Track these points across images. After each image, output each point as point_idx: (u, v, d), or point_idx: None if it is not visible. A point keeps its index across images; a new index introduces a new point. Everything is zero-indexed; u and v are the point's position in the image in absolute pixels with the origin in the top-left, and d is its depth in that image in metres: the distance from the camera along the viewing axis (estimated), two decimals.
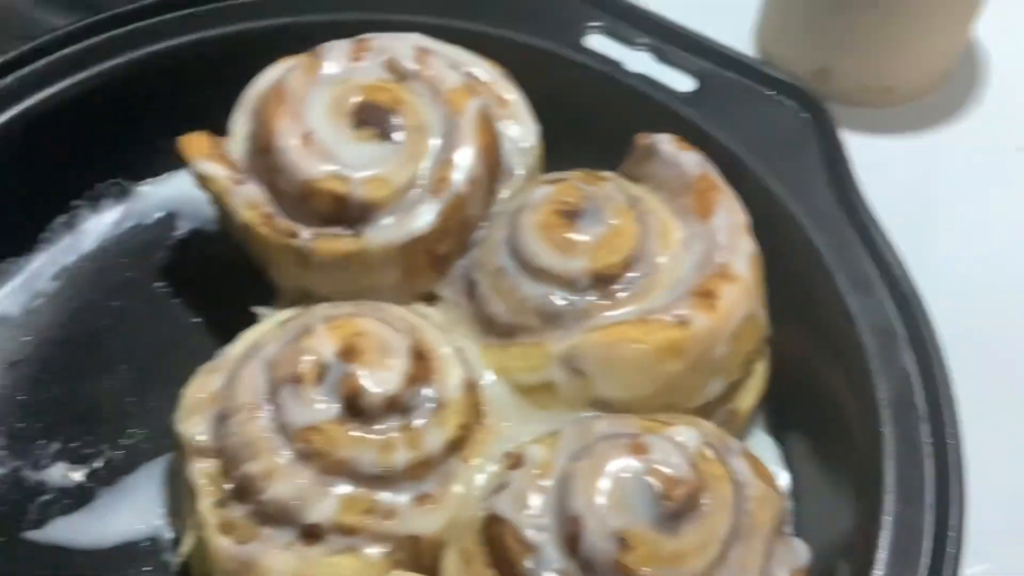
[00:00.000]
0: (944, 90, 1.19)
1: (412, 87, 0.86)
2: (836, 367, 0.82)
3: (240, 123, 0.88)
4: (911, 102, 1.17)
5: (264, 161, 0.83)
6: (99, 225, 0.97)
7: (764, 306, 0.83)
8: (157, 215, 0.99)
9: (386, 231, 0.82)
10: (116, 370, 0.89)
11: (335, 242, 0.82)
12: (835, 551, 0.75)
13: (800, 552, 0.73)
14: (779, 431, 0.88)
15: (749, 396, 0.85)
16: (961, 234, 1.07)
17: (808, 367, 0.86)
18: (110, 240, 0.97)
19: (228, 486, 0.73)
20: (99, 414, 0.86)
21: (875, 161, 0.95)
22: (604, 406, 0.78)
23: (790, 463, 0.86)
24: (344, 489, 0.71)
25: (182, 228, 0.98)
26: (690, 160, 0.87)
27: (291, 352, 0.75)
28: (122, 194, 0.99)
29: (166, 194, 1.00)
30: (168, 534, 0.80)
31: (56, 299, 0.93)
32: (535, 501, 0.70)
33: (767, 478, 0.76)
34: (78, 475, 0.83)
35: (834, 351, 0.82)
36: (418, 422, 0.73)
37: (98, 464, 0.83)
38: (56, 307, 0.92)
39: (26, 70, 0.92)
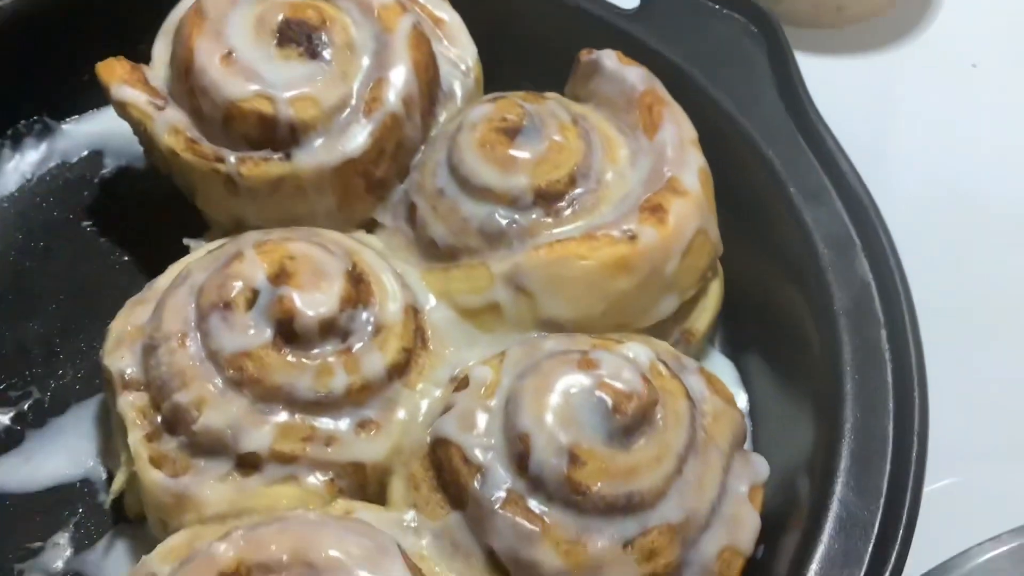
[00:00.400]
0: (895, 9, 1.16)
1: (339, 4, 0.82)
2: (792, 281, 0.80)
3: (161, 48, 0.84)
4: (862, 22, 1.15)
5: (186, 84, 0.79)
6: (21, 164, 0.93)
7: (715, 222, 0.81)
8: (82, 153, 0.94)
9: (318, 153, 0.78)
10: (43, 311, 0.85)
11: (264, 166, 0.78)
12: (795, 467, 0.73)
13: (759, 467, 0.71)
14: (735, 351, 0.86)
15: (704, 315, 0.82)
16: (914, 152, 1.05)
17: (763, 284, 0.83)
18: (33, 180, 0.93)
19: (159, 418, 0.69)
20: (26, 356, 0.82)
21: (827, 82, 0.92)
22: (552, 327, 0.75)
23: (747, 384, 0.84)
24: (281, 416, 0.68)
25: (109, 166, 0.94)
26: (635, 75, 0.84)
27: (220, 278, 0.71)
28: (45, 132, 0.94)
29: (91, 132, 0.95)
30: (102, 475, 0.77)
31: None
32: (481, 421, 0.67)
33: (724, 395, 0.74)
34: (5, 418, 0.79)
35: (789, 265, 0.80)
36: (357, 346, 0.70)
37: (26, 406, 0.80)
38: None
39: None
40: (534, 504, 0.64)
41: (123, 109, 0.81)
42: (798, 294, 0.79)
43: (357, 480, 0.69)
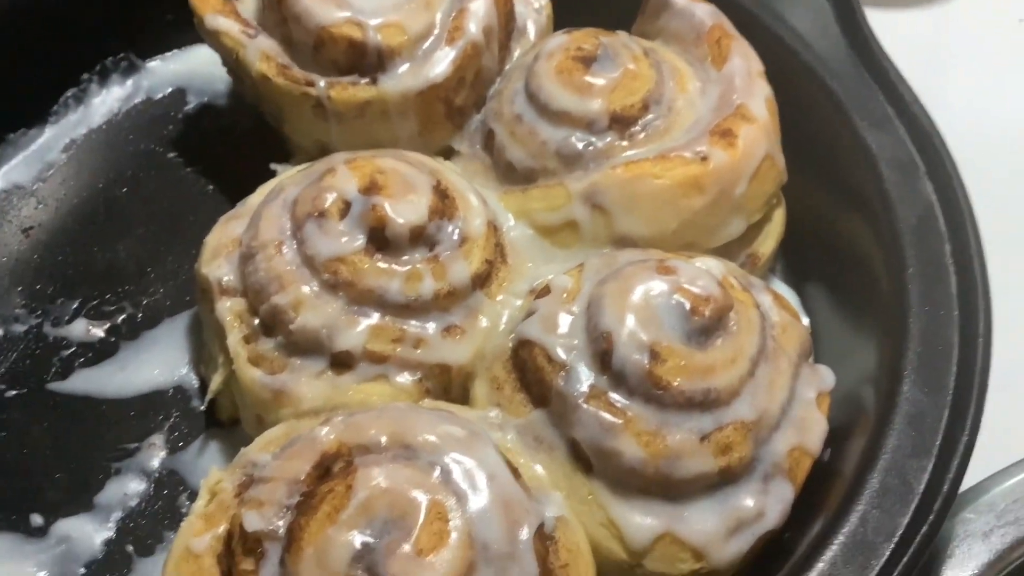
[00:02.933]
0: None
1: None
2: (855, 207, 0.82)
3: None
4: None
5: (277, 13, 0.82)
6: (108, 100, 0.97)
7: (780, 150, 0.83)
8: (167, 90, 0.98)
9: (403, 79, 0.81)
10: (133, 234, 0.89)
11: (352, 90, 0.81)
12: (859, 382, 0.75)
13: (826, 376, 0.74)
14: (796, 280, 0.88)
15: (768, 240, 0.85)
16: (964, 103, 1.07)
17: (825, 213, 0.86)
18: (120, 115, 0.96)
19: (255, 321, 0.73)
20: (118, 275, 0.86)
21: (882, 33, 0.95)
22: (626, 243, 0.78)
23: (808, 310, 0.87)
24: (373, 318, 0.72)
25: (192, 103, 0.98)
26: (703, 10, 0.87)
27: (314, 190, 0.75)
28: (131, 69, 0.98)
29: (175, 70, 0.99)
30: (194, 383, 0.80)
31: (67, 170, 0.92)
32: (564, 323, 0.70)
33: (790, 311, 0.77)
34: (100, 330, 0.83)
35: (853, 191, 0.82)
36: (444, 254, 0.73)
37: (120, 320, 0.83)
38: (68, 177, 0.92)
39: None
40: (616, 398, 0.67)
41: (215, 39, 0.84)
42: (861, 219, 0.81)
43: (442, 382, 0.73)
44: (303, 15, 0.81)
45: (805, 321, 0.85)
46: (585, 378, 0.68)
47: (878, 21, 0.90)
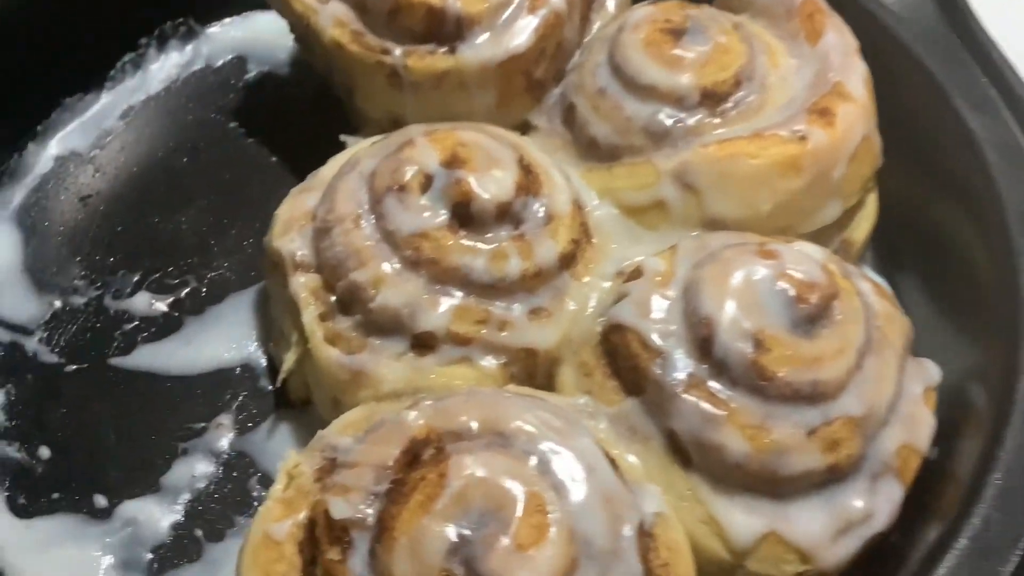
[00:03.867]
0: None
1: None
2: (955, 193, 0.78)
3: None
4: None
5: None
6: (167, 66, 0.93)
7: (877, 132, 0.79)
8: (227, 58, 0.95)
9: (482, 49, 0.78)
10: (194, 205, 0.85)
11: (429, 59, 0.78)
12: (964, 376, 0.71)
13: (931, 370, 0.70)
14: (888, 268, 0.85)
15: (863, 226, 0.81)
16: None
17: (921, 198, 0.82)
18: (178, 82, 0.93)
19: (332, 298, 0.69)
20: (180, 247, 0.83)
21: (981, 9, 0.90)
22: (717, 225, 0.74)
23: (901, 299, 0.82)
24: (456, 298, 0.68)
25: (252, 71, 0.94)
26: None
27: (393, 163, 0.71)
28: (190, 35, 0.95)
29: (235, 37, 0.96)
30: (262, 360, 0.77)
31: (125, 137, 0.89)
32: (659, 307, 0.66)
33: (891, 300, 0.73)
34: (163, 305, 0.80)
35: (953, 176, 0.78)
36: (530, 232, 0.70)
37: (183, 294, 0.80)
38: (126, 145, 0.89)
39: None
40: (717, 388, 0.63)
41: (285, 4, 0.81)
42: (961, 205, 0.78)
43: (527, 367, 0.69)
44: None
45: None
46: (683, 366, 0.64)
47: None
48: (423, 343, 0.68)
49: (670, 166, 0.74)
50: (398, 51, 0.78)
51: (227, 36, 0.95)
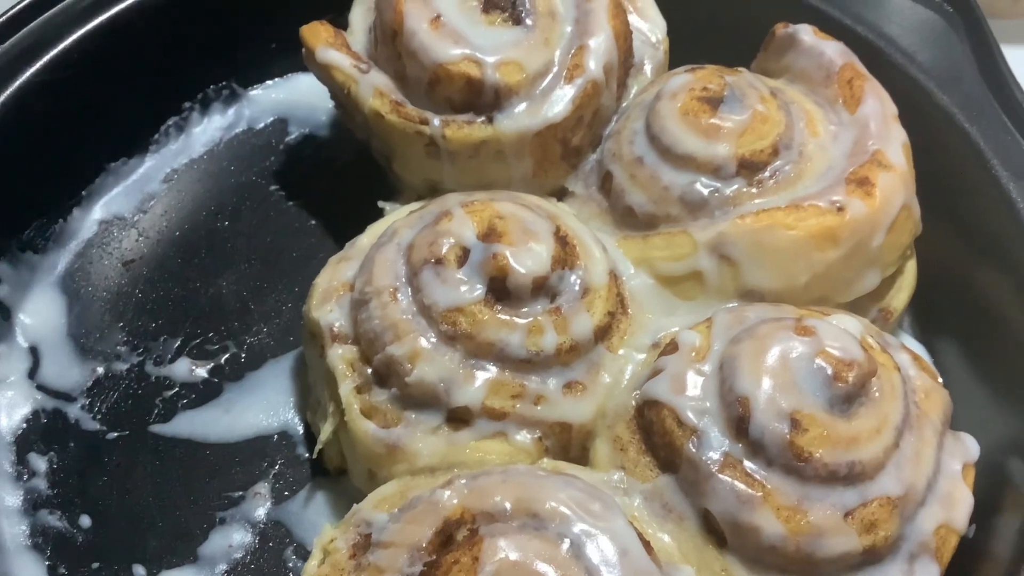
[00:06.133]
0: None
1: None
2: (995, 260, 0.78)
3: (359, 14, 0.85)
4: None
5: (392, 48, 0.80)
6: (209, 129, 0.95)
7: (916, 200, 0.79)
8: (268, 120, 0.96)
9: (520, 118, 0.78)
10: (235, 270, 0.86)
11: (467, 129, 0.78)
12: (1003, 450, 0.71)
13: (970, 445, 0.69)
14: (926, 335, 0.84)
15: (901, 294, 0.80)
16: None
17: (960, 265, 0.81)
18: (221, 144, 0.94)
19: (368, 371, 0.70)
20: (221, 312, 0.84)
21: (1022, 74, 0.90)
22: (753, 296, 0.74)
23: (939, 367, 0.82)
24: (491, 372, 0.68)
25: (293, 133, 0.95)
26: (833, 49, 0.82)
27: (430, 235, 0.72)
28: (233, 98, 0.96)
29: (277, 99, 0.97)
30: (299, 428, 0.78)
31: (168, 201, 0.90)
32: (694, 384, 0.66)
33: (931, 373, 0.72)
34: (203, 371, 0.80)
35: (992, 243, 0.78)
36: (566, 306, 0.70)
37: (223, 359, 0.81)
38: (169, 209, 0.90)
39: None
40: (753, 468, 0.63)
41: (326, 72, 0.82)
42: (1001, 272, 0.77)
43: (562, 441, 0.69)
44: (419, 51, 0.78)
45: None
46: (718, 444, 0.64)
47: (1018, 60, 0.85)
48: (458, 417, 0.68)
49: (707, 237, 0.74)
50: (436, 121, 0.78)
51: (268, 98, 0.96)
